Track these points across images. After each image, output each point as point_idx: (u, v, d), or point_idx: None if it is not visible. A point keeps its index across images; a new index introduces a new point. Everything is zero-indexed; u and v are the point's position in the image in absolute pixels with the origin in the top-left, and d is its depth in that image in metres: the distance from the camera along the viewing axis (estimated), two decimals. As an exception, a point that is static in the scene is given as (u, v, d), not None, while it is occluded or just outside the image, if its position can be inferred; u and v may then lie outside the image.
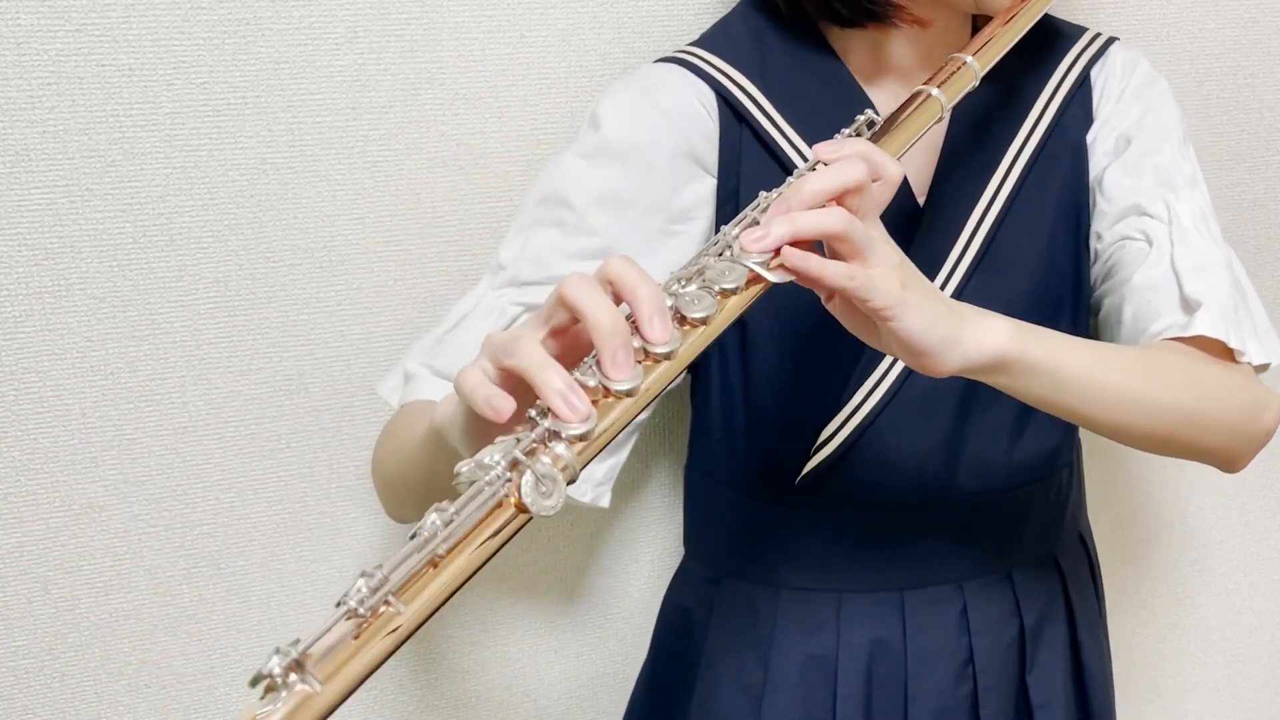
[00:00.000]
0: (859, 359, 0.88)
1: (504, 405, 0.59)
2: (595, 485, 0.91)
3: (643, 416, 0.90)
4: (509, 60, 0.99)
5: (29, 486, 0.95)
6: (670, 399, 1.12)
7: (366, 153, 0.97)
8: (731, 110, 0.88)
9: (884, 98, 0.90)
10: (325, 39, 0.94)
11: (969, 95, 0.91)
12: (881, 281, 0.66)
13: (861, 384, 0.88)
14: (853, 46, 0.90)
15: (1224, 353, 0.83)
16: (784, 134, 0.87)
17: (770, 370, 0.90)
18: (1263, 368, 0.85)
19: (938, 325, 0.68)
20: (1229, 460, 0.85)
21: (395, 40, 0.95)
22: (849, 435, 0.88)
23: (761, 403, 0.90)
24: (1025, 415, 0.90)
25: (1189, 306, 0.83)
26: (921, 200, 0.90)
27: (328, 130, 0.95)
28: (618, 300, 0.62)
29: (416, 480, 0.79)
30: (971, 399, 0.89)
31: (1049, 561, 0.96)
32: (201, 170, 0.93)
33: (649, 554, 1.15)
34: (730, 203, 0.88)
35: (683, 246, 0.87)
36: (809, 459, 0.89)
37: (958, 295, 0.88)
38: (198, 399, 0.97)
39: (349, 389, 1.01)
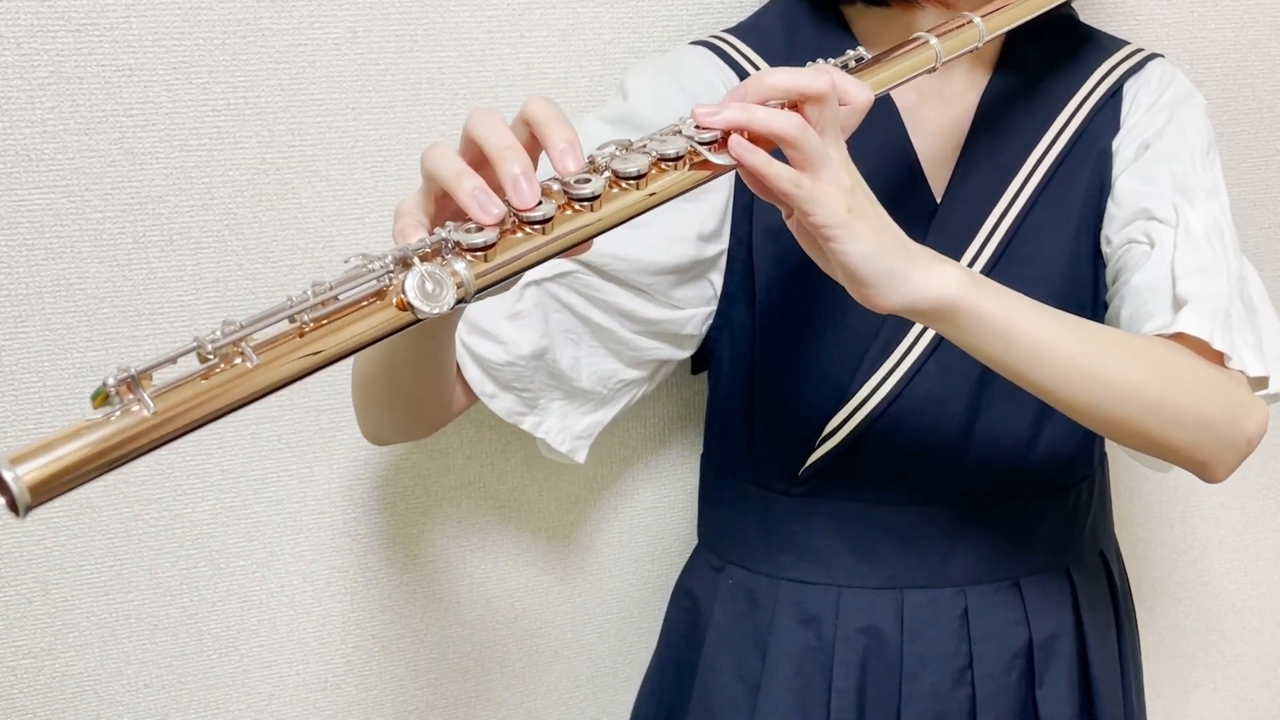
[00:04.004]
0: (869, 351, 0.88)
1: (412, 234, 0.59)
2: (574, 437, 0.91)
3: (635, 375, 0.91)
4: (509, 60, 0.99)
5: (29, 486, 0.95)
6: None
7: (366, 153, 0.97)
8: None
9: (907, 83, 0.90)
10: (325, 39, 0.94)
11: (997, 95, 0.91)
12: (826, 198, 0.66)
13: (870, 377, 0.88)
14: (879, 28, 0.90)
15: (1213, 356, 0.80)
16: None
17: (780, 360, 0.90)
18: (1260, 382, 0.82)
19: (883, 256, 0.68)
20: (1202, 465, 0.80)
21: (395, 40, 0.95)
22: (855, 427, 0.88)
23: (771, 392, 0.91)
24: (1041, 422, 0.89)
25: (1178, 305, 0.82)
26: (939, 197, 0.90)
27: (328, 130, 0.95)
28: (536, 144, 0.62)
29: (376, 370, 0.79)
30: (983, 399, 0.88)
31: (1062, 575, 0.94)
32: (201, 170, 0.93)
33: (650, 553, 1.15)
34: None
35: (698, 214, 0.87)
36: (815, 449, 0.89)
37: None
38: (198, 399, 0.97)
39: (349, 389, 1.01)
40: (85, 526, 0.97)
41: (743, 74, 0.89)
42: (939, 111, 0.91)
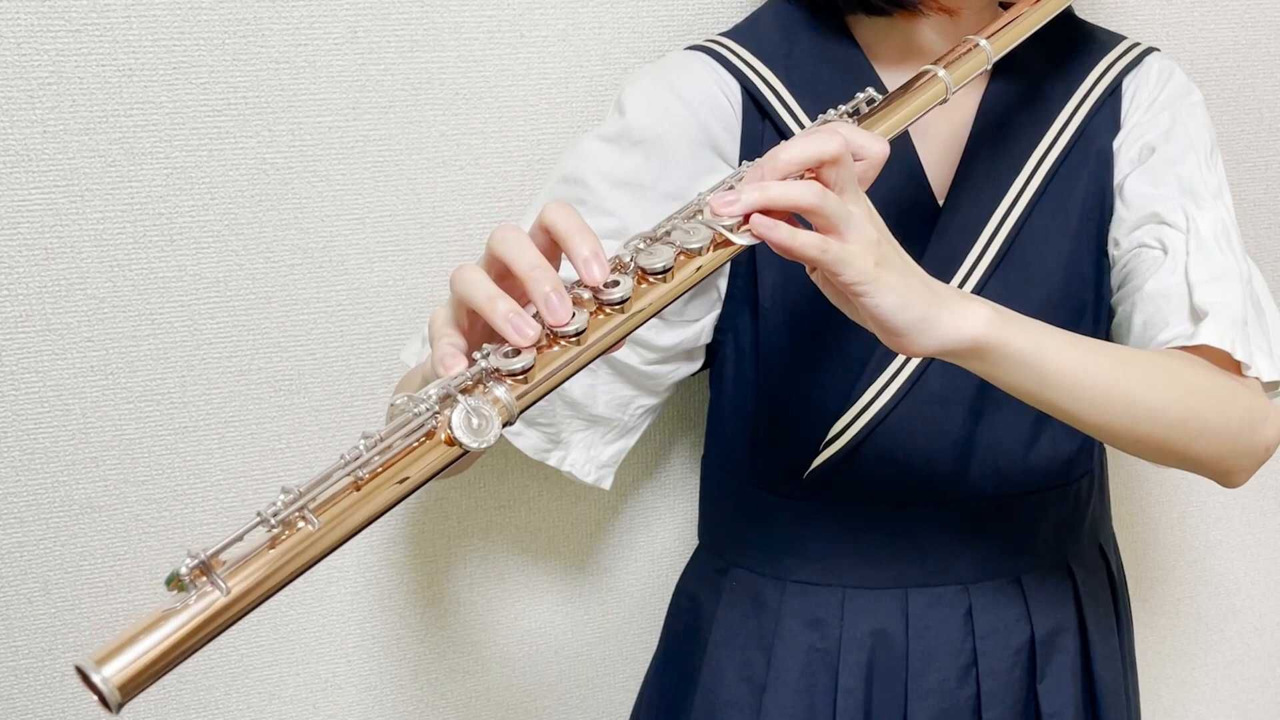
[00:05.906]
0: (872, 355, 0.88)
1: (452, 364, 0.60)
2: (600, 466, 0.92)
3: (654, 401, 0.92)
4: (509, 60, 0.99)
5: (29, 486, 0.95)
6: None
7: (366, 153, 0.97)
8: (755, 103, 0.88)
9: None
10: (325, 39, 0.94)
11: (997, 98, 0.90)
12: (854, 257, 0.66)
13: (874, 381, 0.88)
14: (881, 37, 0.90)
15: (1230, 364, 0.81)
16: (803, 127, 0.87)
17: (784, 364, 0.90)
18: (1273, 385, 0.83)
19: (912, 305, 0.68)
20: (1225, 473, 0.82)
21: (395, 40, 0.95)
22: (859, 431, 0.88)
23: (774, 395, 0.91)
24: (1042, 419, 0.90)
25: (1197, 316, 0.82)
26: (941, 200, 0.90)
27: (328, 130, 0.95)
28: (555, 247, 0.62)
29: None
30: (986, 400, 0.88)
31: (1063, 570, 0.95)
32: (201, 170, 0.93)
33: (650, 554, 1.15)
34: None
35: None
36: (819, 453, 0.89)
37: None
38: (198, 399, 0.97)
39: (349, 389, 1.01)
40: (85, 526, 0.97)
41: (742, 78, 0.88)
42: (940, 116, 0.91)
